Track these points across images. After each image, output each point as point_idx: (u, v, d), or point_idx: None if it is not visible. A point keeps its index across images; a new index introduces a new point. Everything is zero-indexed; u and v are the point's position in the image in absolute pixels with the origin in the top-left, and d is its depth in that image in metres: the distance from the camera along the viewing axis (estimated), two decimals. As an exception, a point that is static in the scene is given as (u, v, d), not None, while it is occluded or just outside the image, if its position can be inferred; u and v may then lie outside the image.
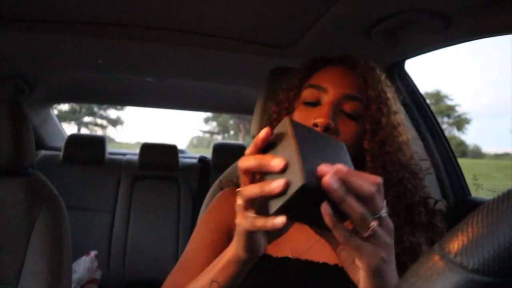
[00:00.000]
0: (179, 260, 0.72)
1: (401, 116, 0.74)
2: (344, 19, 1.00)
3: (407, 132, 0.74)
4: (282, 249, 0.69)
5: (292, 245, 0.70)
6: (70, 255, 1.05)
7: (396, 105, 0.73)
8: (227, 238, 0.70)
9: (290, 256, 0.68)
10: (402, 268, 0.37)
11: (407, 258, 0.59)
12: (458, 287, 0.22)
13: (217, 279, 0.55)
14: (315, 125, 0.65)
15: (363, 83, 0.70)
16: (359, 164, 0.67)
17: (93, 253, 1.95)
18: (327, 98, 0.68)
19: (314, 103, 0.69)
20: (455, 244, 0.23)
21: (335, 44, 1.16)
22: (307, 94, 0.71)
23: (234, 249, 0.53)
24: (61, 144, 2.28)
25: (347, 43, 1.13)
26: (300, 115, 0.70)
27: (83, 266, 1.88)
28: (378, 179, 0.43)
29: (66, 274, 1.01)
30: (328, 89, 0.68)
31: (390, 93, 0.73)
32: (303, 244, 0.69)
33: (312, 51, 1.27)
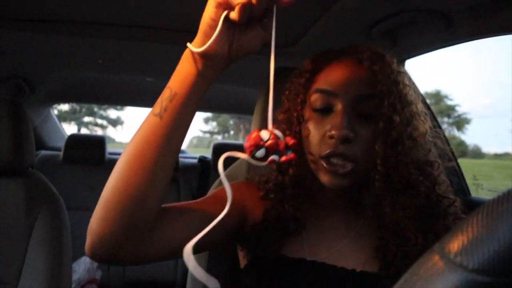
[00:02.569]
0: None
1: (417, 106, 0.67)
2: (344, 19, 1.00)
3: (426, 121, 0.68)
4: (299, 250, 0.68)
5: (311, 248, 0.69)
6: (70, 255, 1.05)
7: (411, 94, 0.67)
8: (238, 208, 0.69)
9: (307, 258, 0.67)
10: None
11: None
12: (458, 287, 0.22)
13: (171, 85, 0.53)
14: (331, 137, 0.61)
15: (374, 76, 0.63)
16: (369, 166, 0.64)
17: (93, 253, 1.94)
18: (338, 104, 0.63)
19: (326, 110, 0.64)
20: (455, 244, 0.23)
21: (335, 44, 1.15)
22: (316, 100, 0.65)
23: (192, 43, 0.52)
24: (61, 144, 2.28)
25: (347, 43, 1.13)
26: (313, 126, 0.65)
27: (83, 266, 1.88)
28: None
29: (66, 274, 1.01)
30: (338, 93, 0.63)
31: (404, 81, 0.66)
32: (322, 249, 0.68)
33: (312, 51, 1.27)
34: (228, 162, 1.09)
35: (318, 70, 0.69)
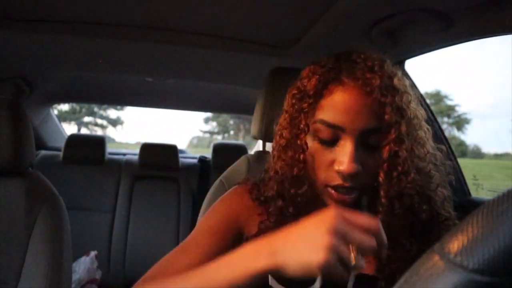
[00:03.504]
0: (181, 243, 0.71)
1: (421, 125, 0.66)
2: (344, 19, 1.00)
3: (428, 139, 0.67)
4: None
5: None
6: (70, 255, 1.05)
7: (418, 116, 0.65)
8: (234, 233, 0.69)
9: None
10: None
11: None
12: (458, 287, 0.22)
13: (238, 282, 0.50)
14: (339, 171, 0.60)
15: (382, 107, 0.61)
16: (372, 194, 0.64)
17: (93, 253, 1.94)
18: (346, 138, 0.61)
19: (332, 141, 0.63)
20: (455, 244, 0.23)
21: (335, 44, 1.15)
22: (321, 131, 0.63)
23: (271, 264, 0.48)
24: (61, 144, 2.28)
25: (347, 43, 1.13)
26: (318, 155, 0.64)
27: (83, 266, 1.88)
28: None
29: (66, 274, 1.01)
30: (345, 128, 0.61)
31: (410, 102, 0.64)
32: None
33: (312, 51, 1.27)
34: (227, 163, 1.09)
35: (322, 94, 0.64)
